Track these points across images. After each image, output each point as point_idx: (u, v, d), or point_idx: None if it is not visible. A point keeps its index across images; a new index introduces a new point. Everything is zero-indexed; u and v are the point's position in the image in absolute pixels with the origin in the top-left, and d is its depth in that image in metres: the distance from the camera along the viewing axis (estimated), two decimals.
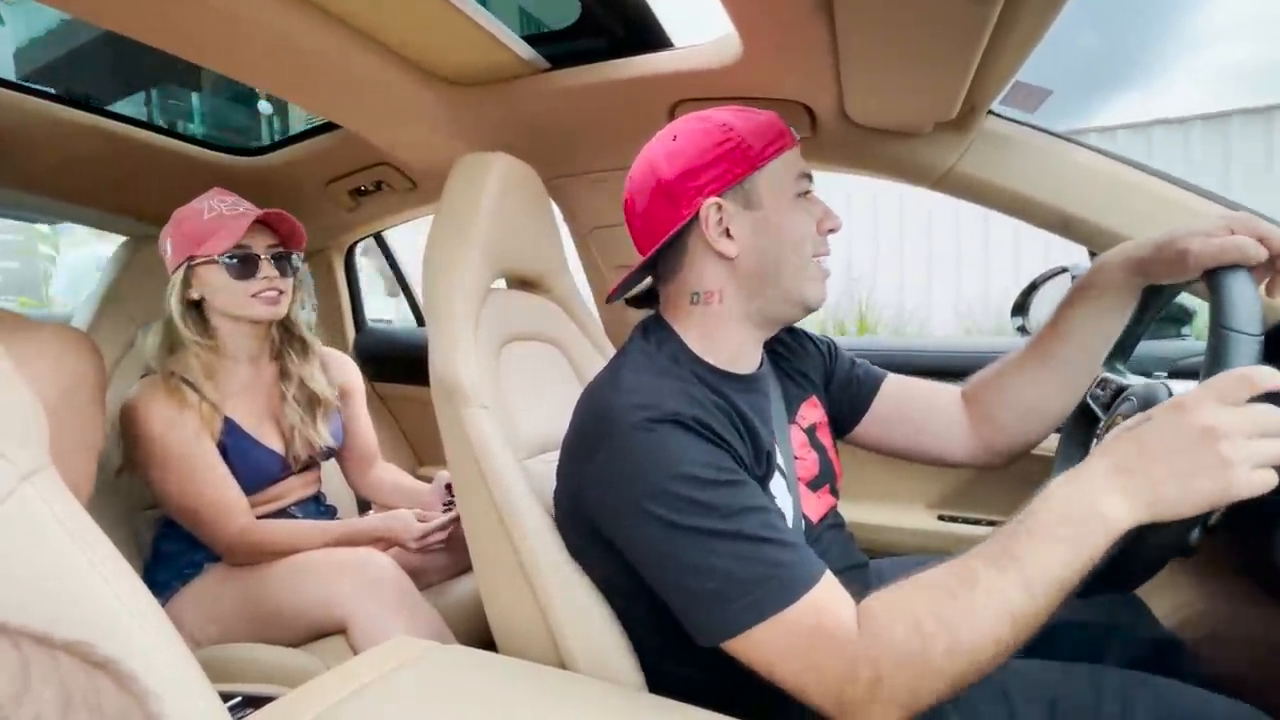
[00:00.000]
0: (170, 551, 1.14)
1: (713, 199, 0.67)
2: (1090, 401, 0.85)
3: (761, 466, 0.67)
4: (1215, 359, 0.56)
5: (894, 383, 0.87)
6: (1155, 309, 0.82)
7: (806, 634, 0.54)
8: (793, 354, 0.85)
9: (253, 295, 1.10)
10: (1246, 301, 0.58)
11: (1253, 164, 5.22)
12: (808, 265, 0.70)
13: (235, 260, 1.09)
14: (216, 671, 0.97)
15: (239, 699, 0.84)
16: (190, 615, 1.07)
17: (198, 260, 1.09)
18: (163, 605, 1.07)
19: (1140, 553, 0.56)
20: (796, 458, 0.76)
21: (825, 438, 0.82)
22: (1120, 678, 0.65)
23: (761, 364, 0.77)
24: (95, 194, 1.40)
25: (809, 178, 0.71)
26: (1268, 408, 0.50)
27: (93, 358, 0.86)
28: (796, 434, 0.78)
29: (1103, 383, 0.84)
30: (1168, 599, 0.97)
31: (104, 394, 0.87)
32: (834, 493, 0.80)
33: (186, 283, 1.10)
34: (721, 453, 0.60)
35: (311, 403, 1.21)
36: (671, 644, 0.69)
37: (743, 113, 0.70)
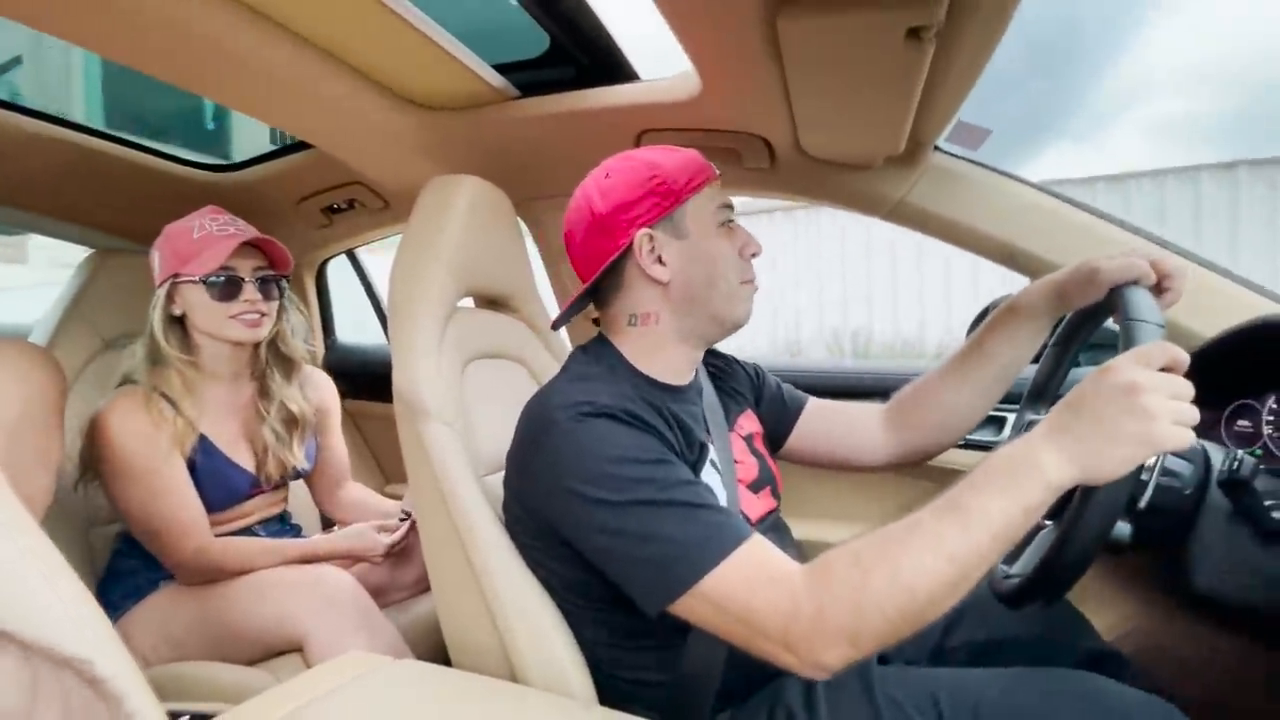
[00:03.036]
0: (127, 569, 1.12)
1: (645, 230, 0.73)
2: None
3: (693, 455, 0.73)
4: (1128, 344, 0.62)
5: (815, 404, 0.95)
6: (1075, 344, 0.86)
7: (748, 580, 0.58)
8: (726, 374, 0.92)
9: (232, 316, 1.10)
10: (1147, 300, 0.66)
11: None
12: (734, 287, 0.76)
13: (218, 282, 1.09)
14: (168, 690, 0.95)
15: (187, 717, 0.83)
16: (141, 634, 1.05)
17: (181, 279, 1.09)
18: (113, 623, 1.07)
19: (1065, 550, 0.60)
20: (737, 461, 0.81)
21: (763, 447, 0.88)
22: (1042, 675, 0.68)
23: (695, 377, 0.82)
24: (64, 207, 1.39)
25: (730, 208, 0.78)
26: (1180, 377, 0.55)
27: (54, 373, 0.85)
28: (736, 441, 0.83)
29: (1030, 426, 0.87)
30: (1109, 613, 1.01)
31: (63, 409, 0.86)
32: (775, 495, 0.86)
33: (170, 299, 1.10)
34: (651, 439, 0.66)
35: (289, 424, 1.20)
36: (622, 647, 0.72)
37: (667, 151, 0.77)
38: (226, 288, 1.10)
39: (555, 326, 0.86)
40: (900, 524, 0.58)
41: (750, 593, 0.57)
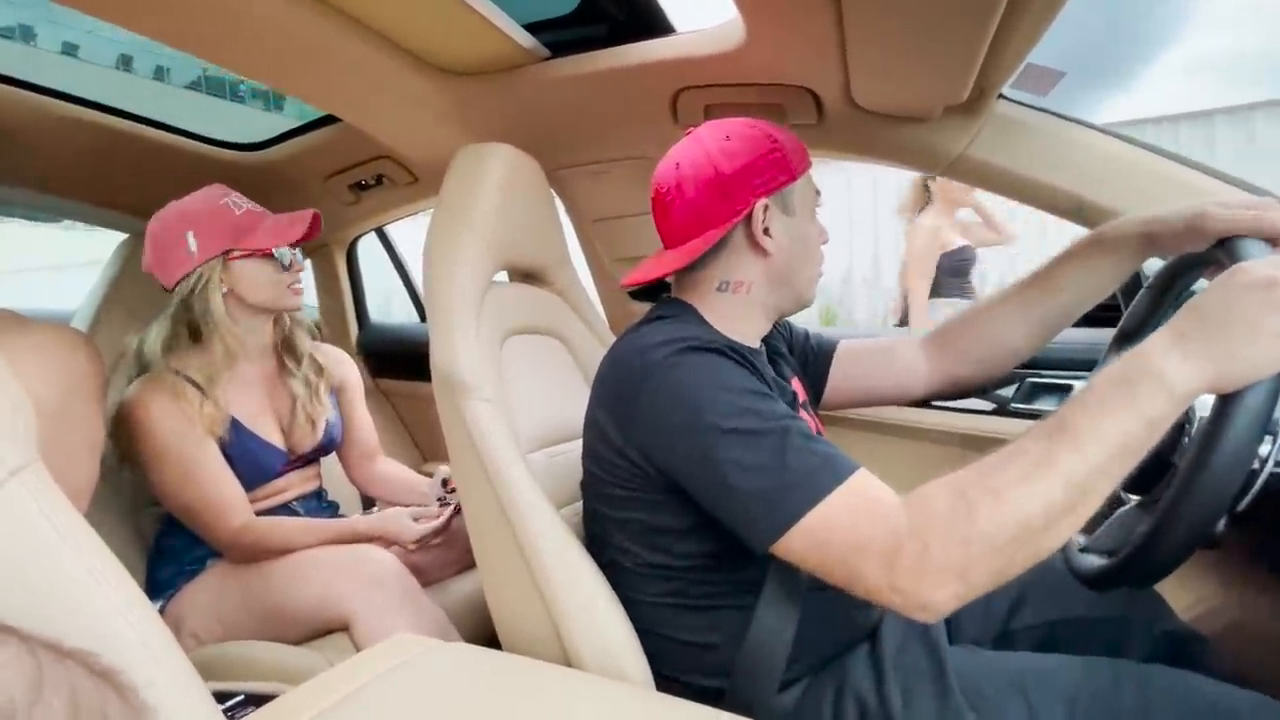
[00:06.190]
0: (172, 548, 1.14)
1: (764, 199, 0.72)
2: None
3: None
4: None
5: (846, 345, 0.94)
6: (1175, 291, 0.77)
7: (856, 514, 0.55)
8: (768, 335, 0.90)
9: (288, 286, 1.14)
10: (1263, 249, 0.58)
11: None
12: (815, 270, 0.79)
13: (286, 254, 1.13)
14: (219, 670, 0.96)
15: (241, 697, 0.84)
16: (193, 613, 1.06)
17: (237, 254, 1.09)
18: (166, 603, 1.09)
19: (1163, 542, 0.55)
20: None
21: (812, 413, 0.87)
22: (1139, 671, 0.63)
23: (760, 347, 0.82)
24: (96, 190, 1.40)
25: (819, 194, 0.80)
26: None
27: (92, 357, 0.85)
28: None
29: None
30: (1187, 593, 0.95)
31: (104, 393, 0.86)
32: None
33: (219, 276, 1.11)
34: (756, 378, 0.65)
35: (310, 398, 1.21)
36: (698, 607, 0.70)
37: (777, 128, 0.76)
38: (288, 260, 1.13)
39: (625, 288, 0.88)
40: (997, 454, 0.53)
41: (856, 527, 0.54)
